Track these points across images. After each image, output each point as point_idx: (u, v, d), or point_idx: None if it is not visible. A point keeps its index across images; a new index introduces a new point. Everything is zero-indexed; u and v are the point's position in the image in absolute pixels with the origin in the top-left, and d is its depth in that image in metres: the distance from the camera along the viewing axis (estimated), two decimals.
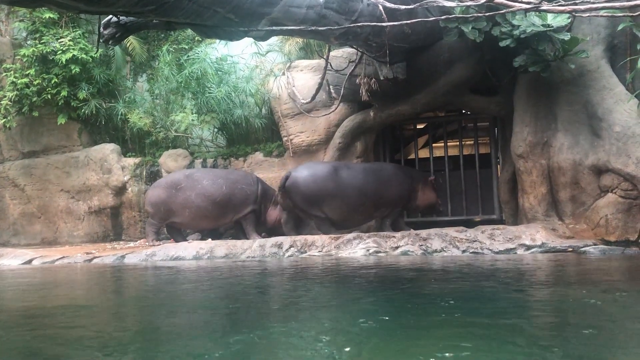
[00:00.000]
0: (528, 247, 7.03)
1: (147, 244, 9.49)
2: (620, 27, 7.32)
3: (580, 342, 2.86)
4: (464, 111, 10.84)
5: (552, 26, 7.02)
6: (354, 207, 8.94)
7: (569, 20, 7.15)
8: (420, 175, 9.59)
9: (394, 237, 7.56)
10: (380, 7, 6.82)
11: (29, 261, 8.19)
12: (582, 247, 6.82)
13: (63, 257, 8.29)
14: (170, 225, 9.71)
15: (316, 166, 9.21)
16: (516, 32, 7.06)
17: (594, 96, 7.62)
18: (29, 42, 11.13)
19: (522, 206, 8.41)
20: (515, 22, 7.08)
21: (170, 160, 10.70)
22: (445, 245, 7.21)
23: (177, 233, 9.78)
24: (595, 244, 6.93)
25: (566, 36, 7.09)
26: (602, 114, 7.50)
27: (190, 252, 7.87)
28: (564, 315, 3.63)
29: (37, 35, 10.63)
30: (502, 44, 7.22)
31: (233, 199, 9.33)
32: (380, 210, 9.16)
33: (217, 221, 9.54)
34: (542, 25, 7.00)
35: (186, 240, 9.39)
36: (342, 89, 9.56)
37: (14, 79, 10.46)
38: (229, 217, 9.44)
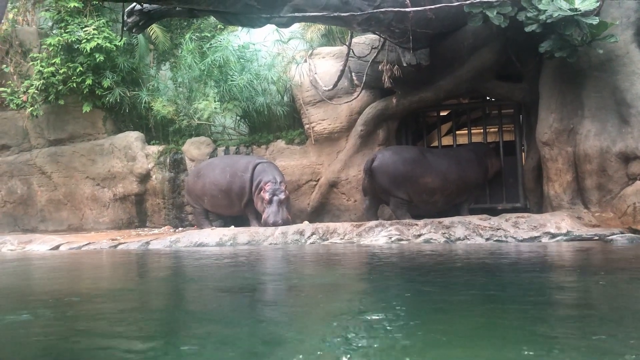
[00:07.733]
0: (553, 236, 6.94)
1: (196, 229, 9.59)
2: None
3: None
4: (488, 98, 10.70)
5: (580, 10, 6.86)
6: (438, 191, 9.13)
7: (597, 3, 6.97)
8: (486, 148, 9.92)
9: (416, 224, 7.53)
10: None
11: (57, 247, 8.36)
12: (608, 236, 6.70)
13: (89, 243, 8.45)
14: (199, 210, 9.91)
15: (403, 149, 9.52)
16: (542, 17, 6.92)
17: (622, 82, 7.47)
18: (54, 31, 11.27)
19: (547, 194, 8.30)
20: (541, 7, 6.93)
21: (194, 148, 10.79)
22: (469, 233, 7.16)
23: (202, 219, 9.94)
24: (622, 233, 6.80)
25: (594, 20, 6.92)
26: (631, 100, 7.34)
27: (214, 238, 7.95)
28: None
29: (63, 24, 10.76)
30: (528, 29, 7.09)
31: (234, 187, 9.47)
32: (461, 196, 9.39)
33: (230, 209, 9.71)
34: (570, 9, 6.84)
35: (211, 226, 9.52)
36: (365, 75, 9.52)
37: (41, 68, 10.62)
38: (236, 204, 9.57)
